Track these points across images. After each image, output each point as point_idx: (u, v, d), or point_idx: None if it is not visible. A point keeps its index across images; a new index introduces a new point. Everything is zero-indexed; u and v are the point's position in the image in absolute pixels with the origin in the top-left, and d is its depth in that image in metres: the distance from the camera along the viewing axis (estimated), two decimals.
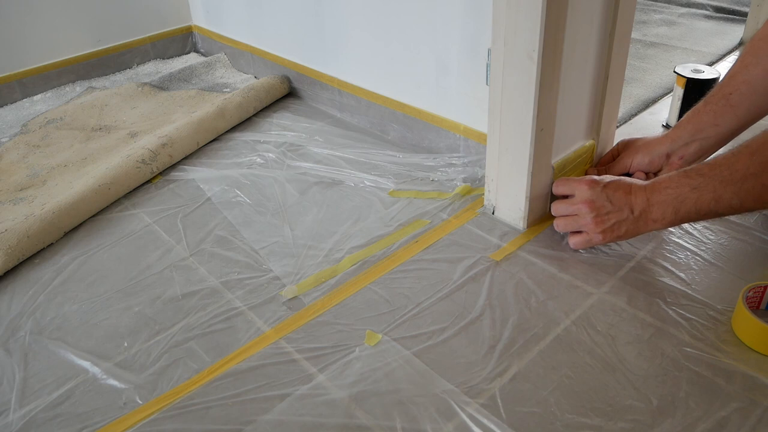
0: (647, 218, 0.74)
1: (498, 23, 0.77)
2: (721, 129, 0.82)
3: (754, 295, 0.70)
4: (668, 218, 0.72)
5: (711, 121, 0.82)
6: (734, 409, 0.60)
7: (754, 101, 0.80)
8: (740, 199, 0.66)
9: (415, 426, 0.60)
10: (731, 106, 0.81)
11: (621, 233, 0.76)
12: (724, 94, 0.82)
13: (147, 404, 0.65)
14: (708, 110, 0.83)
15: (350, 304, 0.77)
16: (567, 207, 0.81)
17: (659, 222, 0.73)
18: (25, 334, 0.77)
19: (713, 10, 1.84)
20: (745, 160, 0.66)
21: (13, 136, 1.30)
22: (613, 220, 0.76)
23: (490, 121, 0.85)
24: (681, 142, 0.85)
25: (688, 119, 0.85)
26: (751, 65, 0.80)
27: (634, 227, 0.75)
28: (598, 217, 0.77)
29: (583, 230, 0.80)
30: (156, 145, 1.12)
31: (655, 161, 0.87)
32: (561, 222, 0.83)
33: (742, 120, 0.81)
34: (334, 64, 1.27)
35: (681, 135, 0.85)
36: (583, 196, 0.78)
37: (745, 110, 0.80)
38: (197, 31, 1.75)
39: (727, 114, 0.81)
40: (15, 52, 1.47)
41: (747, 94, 0.80)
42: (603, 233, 0.77)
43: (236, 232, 0.94)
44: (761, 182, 0.65)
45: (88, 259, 0.90)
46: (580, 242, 0.81)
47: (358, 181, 1.05)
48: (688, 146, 0.84)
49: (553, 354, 0.68)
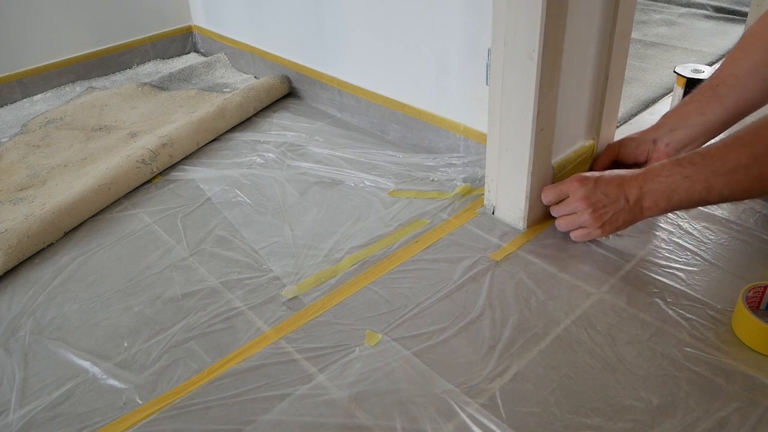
0: (642, 206, 0.75)
1: (498, 23, 0.77)
2: (707, 118, 0.83)
3: (754, 295, 0.70)
4: (661, 206, 0.74)
5: (697, 110, 0.84)
6: (734, 409, 0.60)
7: (741, 93, 0.81)
8: (731, 189, 0.68)
9: (415, 426, 0.60)
10: (717, 96, 0.82)
11: (619, 224, 0.78)
12: (711, 85, 0.83)
13: (147, 404, 0.65)
14: (694, 100, 0.85)
15: (350, 304, 0.77)
16: (566, 207, 0.83)
17: (653, 209, 0.75)
18: (25, 334, 0.77)
19: (713, 10, 1.84)
20: (737, 151, 0.67)
21: (13, 136, 1.30)
22: (610, 213, 0.78)
23: (490, 121, 0.85)
24: (667, 129, 0.86)
25: (674, 109, 0.88)
26: (740, 59, 0.81)
27: (630, 216, 0.77)
28: (595, 212, 0.78)
29: (583, 226, 0.81)
30: (156, 145, 1.12)
31: (641, 147, 0.88)
32: (562, 222, 0.84)
33: (729, 111, 0.82)
34: (334, 64, 1.27)
35: (667, 123, 0.87)
36: (578, 194, 0.80)
37: (732, 102, 0.81)
38: (197, 31, 1.75)
39: (713, 104, 0.82)
40: (15, 52, 1.47)
41: (734, 86, 0.81)
42: (602, 227, 0.79)
43: (236, 232, 0.94)
44: (752, 174, 0.66)
45: (88, 259, 0.90)
46: (580, 236, 0.83)
47: (358, 181, 1.05)
48: (673, 132, 0.85)
49: (553, 354, 0.68)
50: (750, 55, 0.80)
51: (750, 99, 0.80)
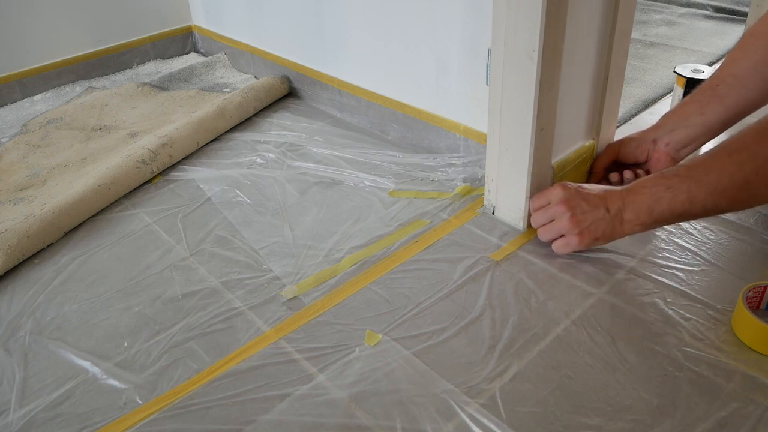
0: (622, 218, 0.73)
1: (498, 23, 0.77)
2: (707, 118, 0.82)
3: (754, 295, 0.70)
4: (642, 218, 0.71)
5: (697, 110, 0.83)
6: (734, 409, 0.60)
7: (741, 93, 0.80)
8: (714, 200, 0.65)
9: (415, 426, 0.60)
10: (718, 96, 0.81)
11: (598, 234, 0.76)
12: (711, 85, 0.83)
13: (147, 404, 0.65)
14: (694, 100, 0.84)
15: (350, 304, 0.77)
16: (544, 214, 0.81)
17: (633, 222, 0.72)
18: (25, 334, 0.77)
19: (713, 10, 1.84)
20: (722, 160, 0.65)
21: (13, 136, 1.30)
22: (589, 220, 0.76)
23: (490, 121, 0.85)
24: (667, 129, 0.86)
25: (674, 109, 0.87)
26: (740, 59, 0.80)
27: (610, 228, 0.75)
28: (574, 217, 0.76)
29: (562, 233, 0.79)
30: (156, 145, 1.12)
31: (642, 147, 0.88)
32: (542, 231, 0.82)
33: (730, 111, 0.81)
34: (334, 64, 1.27)
35: (667, 123, 0.86)
36: (557, 197, 0.78)
37: (733, 102, 0.81)
38: (197, 31, 1.75)
39: (714, 104, 0.82)
40: (15, 52, 1.47)
41: (734, 86, 0.80)
42: (580, 235, 0.77)
43: (236, 232, 0.94)
44: (736, 182, 0.63)
45: (88, 259, 0.90)
46: (559, 246, 0.80)
47: (358, 181, 1.05)
48: (673, 132, 0.85)
49: (553, 354, 0.68)
50: (750, 55, 0.79)
51: (750, 99, 0.80)
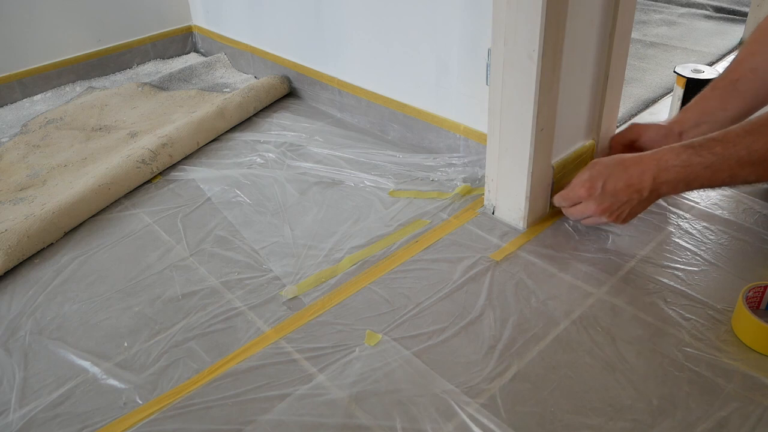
0: (658, 194, 0.76)
1: (498, 23, 0.77)
2: (729, 113, 0.84)
3: (754, 295, 0.70)
4: (680, 190, 0.75)
5: (719, 105, 0.85)
6: (734, 409, 0.60)
7: (760, 87, 0.82)
8: (757, 175, 0.69)
9: (415, 426, 0.60)
10: (738, 92, 0.83)
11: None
12: (731, 80, 0.84)
13: (147, 404, 0.65)
14: (715, 95, 0.85)
15: (350, 304, 0.77)
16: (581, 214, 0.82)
17: (671, 194, 0.77)
18: (25, 334, 0.77)
19: (713, 10, 1.84)
20: (765, 140, 0.67)
21: (13, 136, 1.30)
22: (626, 210, 0.78)
23: (490, 121, 0.85)
24: (691, 123, 0.87)
25: (695, 102, 0.88)
26: (758, 53, 0.82)
27: (647, 203, 0.78)
28: (612, 215, 0.79)
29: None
30: (156, 145, 1.12)
31: (669, 138, 0.88)
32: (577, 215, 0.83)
33: (749, 105, 0.84)
34: (334, 64, 1.27)
35: (689, 117, 0.87)
36: (590, 208, 0.79)
37: (752, 96, 0.83)
38: (197, 31, 1.75)
39: (735, 99, 0.84)
40: (15, 52, 1.47)
41: (753, 81, 0.82)
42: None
43: (236, 232, 0.94)
44: None
45: (88, 259, 0.90)
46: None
47: (358, 181, 1.05)
48: (698, 127, 0.86)
49: (553, 354, 0.68)
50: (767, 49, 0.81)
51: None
